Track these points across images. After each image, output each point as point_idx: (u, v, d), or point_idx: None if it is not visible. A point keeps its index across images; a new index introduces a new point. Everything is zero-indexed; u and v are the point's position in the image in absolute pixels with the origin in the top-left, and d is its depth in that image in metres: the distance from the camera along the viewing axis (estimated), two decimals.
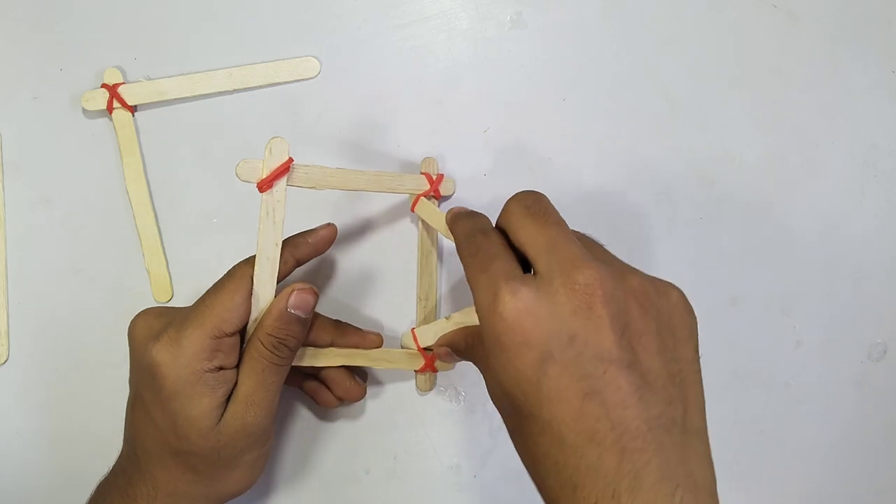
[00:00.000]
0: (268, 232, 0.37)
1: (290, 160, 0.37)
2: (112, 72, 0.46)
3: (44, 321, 0.47)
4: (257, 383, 0.37)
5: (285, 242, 0.39)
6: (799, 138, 0.48)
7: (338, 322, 0.43)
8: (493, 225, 0.35)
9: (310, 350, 0.41)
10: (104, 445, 0.40)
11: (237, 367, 0.38)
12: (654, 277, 0.31)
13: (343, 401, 0.44)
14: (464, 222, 0.36)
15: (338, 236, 0.42)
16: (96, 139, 0.47)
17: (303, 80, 0.47)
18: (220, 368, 0.37)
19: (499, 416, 0.32)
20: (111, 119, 0.46)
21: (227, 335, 0.37)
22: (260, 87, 0.47)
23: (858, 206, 0.48)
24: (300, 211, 0.42)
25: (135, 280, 0.46)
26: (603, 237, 0.34)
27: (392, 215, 0.47)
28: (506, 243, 0.33)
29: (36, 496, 0.46)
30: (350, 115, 0.47)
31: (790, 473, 0.48)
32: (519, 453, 0.31)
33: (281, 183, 0.37)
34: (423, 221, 0.45)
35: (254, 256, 0.38)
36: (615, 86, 0.48)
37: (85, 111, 0.47)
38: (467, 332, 0.38)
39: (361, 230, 0.47)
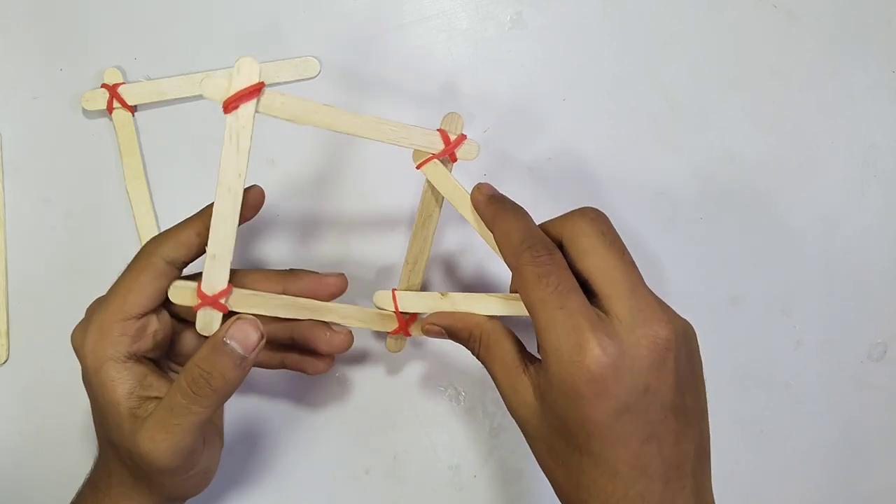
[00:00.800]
0: (230, 160, 0.34)
1: (262, 84, 0.34)
2: (112, 72, 0.46)
3: (44, 321, 0.47)
4: (163, 418, 0.33)
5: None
6: (799, 138, 0.48)
7: (290, 270, 0.39)
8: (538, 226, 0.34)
9: (263, 298, 0.36)
10: None
11: (160, 368, 0.37)
12: (679, 315, 0.33)
13: (333, 358, 0.40)
14: (513, 222, 0.34)
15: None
16: (96, 139, 0.47)
17: (303, 80, 0.47)
18: (133, 356, 0.35)
19: (499, 416, 0.32)
20: (111, 119, 0.46)
21: (133, 317, 0.34)
22: None
23: (858, 205, 0.48)
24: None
25: None
26: None
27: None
28: (568, 267, 0.32)
29: (36, 496, 0.46)
30: None
31: (790, 473, 0.48)
32: (553, 473, 0.32)
33: (248, 106, 0.33)
34: (429, 182, 0.40)
35: (162, 233, 0.36)
36: (615, 86, 0.48)
37: (85, 111, 0.47)
38: (474, 323, 0.36)
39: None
